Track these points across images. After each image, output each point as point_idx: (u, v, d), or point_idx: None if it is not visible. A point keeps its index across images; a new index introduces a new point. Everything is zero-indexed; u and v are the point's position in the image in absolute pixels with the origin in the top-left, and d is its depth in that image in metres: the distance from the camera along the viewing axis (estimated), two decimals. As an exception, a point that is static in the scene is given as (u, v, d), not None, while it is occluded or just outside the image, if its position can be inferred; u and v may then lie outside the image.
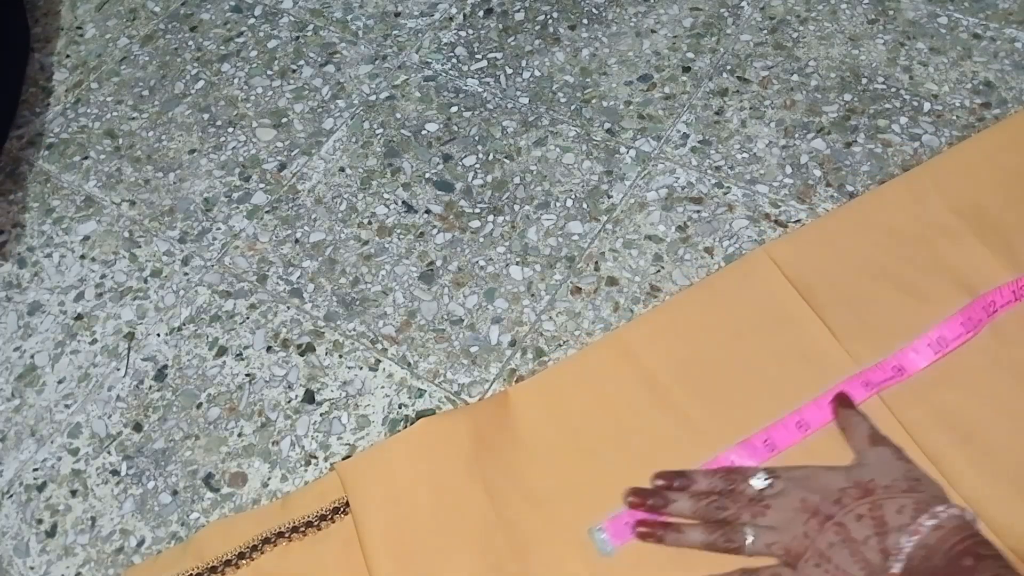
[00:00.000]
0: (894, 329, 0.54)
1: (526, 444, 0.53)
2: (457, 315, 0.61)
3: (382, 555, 0.49)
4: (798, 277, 0.57)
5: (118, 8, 0.86)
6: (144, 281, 0.66)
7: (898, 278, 0.57)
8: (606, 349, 0.57)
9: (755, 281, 0.58)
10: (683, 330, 0.57)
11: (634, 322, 0.58)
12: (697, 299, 0.58)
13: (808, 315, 0.56)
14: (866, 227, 0.59)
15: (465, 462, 0.52)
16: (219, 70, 0.79)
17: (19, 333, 0.64)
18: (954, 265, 0.56)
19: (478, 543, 0.49)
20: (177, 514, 0.54)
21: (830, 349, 0.54)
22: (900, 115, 0.67)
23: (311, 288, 0.64)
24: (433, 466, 0.52)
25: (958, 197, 0.59)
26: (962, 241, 0.57)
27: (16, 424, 0.60)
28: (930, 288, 0.56)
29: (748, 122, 0.68)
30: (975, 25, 0.72)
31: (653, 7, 0.77)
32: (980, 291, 0.55)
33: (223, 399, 0.59)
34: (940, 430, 0.50)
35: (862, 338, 0.54)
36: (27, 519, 0.56)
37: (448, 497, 0.51)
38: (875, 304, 0.56)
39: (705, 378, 0.54)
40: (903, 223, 0.59)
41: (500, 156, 0.69)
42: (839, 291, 0.56)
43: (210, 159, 0.72)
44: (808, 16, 0.74)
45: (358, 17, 0.81)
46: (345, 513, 0.51)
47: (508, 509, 0.50)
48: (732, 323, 0.56)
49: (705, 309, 0.57)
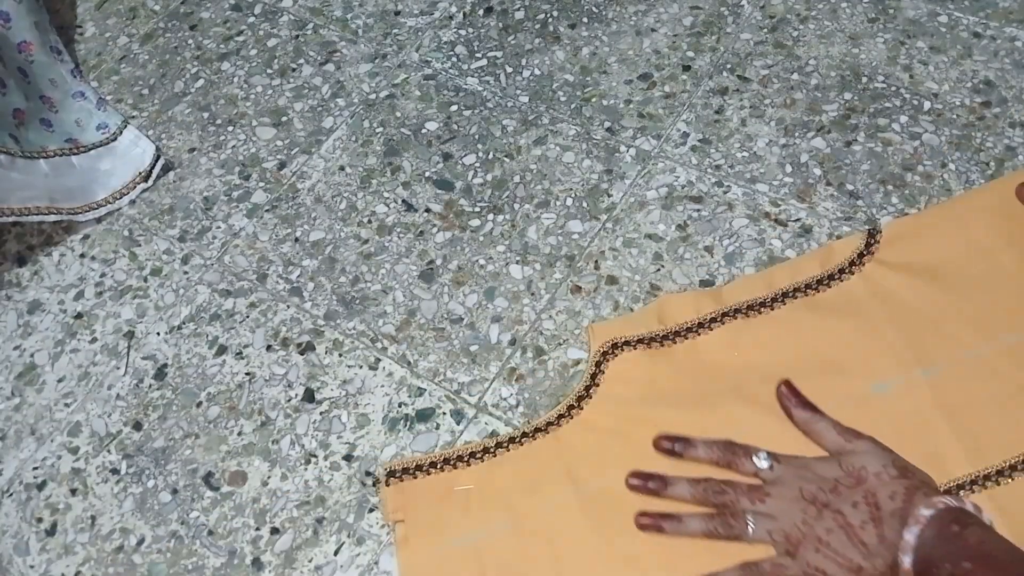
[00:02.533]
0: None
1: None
2: (457, 314, 0.61)
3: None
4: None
5: (118, 7, 0.86)
6: (144, 280, 0.66)
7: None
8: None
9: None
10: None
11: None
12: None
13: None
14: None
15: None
16: (219, 69, 0.79)
17: (19, 332, 0.64)
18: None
19: None
20: (177, 513, 0.54)
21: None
22: (900, 114, 0.67)
23: (311, 287, 0.64)
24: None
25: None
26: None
27: (16, 423, 0.60)
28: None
29: (748, 121, 0.68)
30: (975, 24, 0.72)
31: (653, 6, 0.77)
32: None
33: (223, 398, 0.59)
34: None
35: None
36: (27, 518, 0.56)
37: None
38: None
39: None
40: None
41: (500, 155, 0.69)
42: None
43: (210, 158, 0.72)
44: (808, 15, 0.74)
45: (358, 16, 0.81)
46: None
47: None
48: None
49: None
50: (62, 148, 0.69)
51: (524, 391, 0.57)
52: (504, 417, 0.56)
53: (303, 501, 0.54)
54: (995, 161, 0.63)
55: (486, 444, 0.54)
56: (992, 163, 0.63)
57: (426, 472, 0.53)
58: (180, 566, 0.52)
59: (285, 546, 0.52)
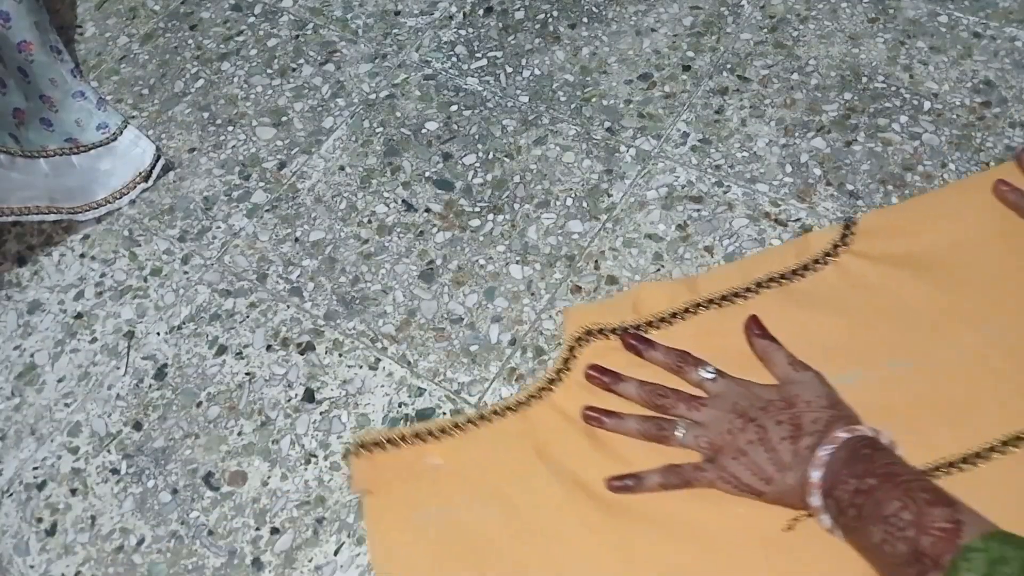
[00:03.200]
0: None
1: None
2: (457, 314, 0.61)
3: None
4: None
5: (118, 7, 0.86)
6: (144, 280, 0.66)
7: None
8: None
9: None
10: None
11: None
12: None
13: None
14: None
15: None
16: (219, 68, 0.79)
17: (19, 332, 0.64)
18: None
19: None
20: (177, 513, 0.54)
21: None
22: (900, 114, 0.67)
23: (311, 287, 0.64)
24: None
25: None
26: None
27: (16, 423, 0.60)
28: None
29: (748, 121, 0.68)
30: (975, 24, 0.72)
31: (653, 6, 0.77)
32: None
33: (223, 398, 0.59)
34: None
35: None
36: (27, 518, 0.56)
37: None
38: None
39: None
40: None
41: (500, 155, 0.69)
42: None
43: (210, 158, 0.72)
44: (808, 15, 0.74)
45: (358, 16, 0.81)
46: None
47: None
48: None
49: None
50: (62, 148, 0.69)
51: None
52: (504, 417, 0.56)
53: (303, 501, 0.54)
54: (995, 161, 0.63)
55: (457, 420, 0.55)
56: (992, 163, 0.63)
57: (396, 445, 0.54)
58: (180, 566, 0.52)
59: (285, 546, 0.52)
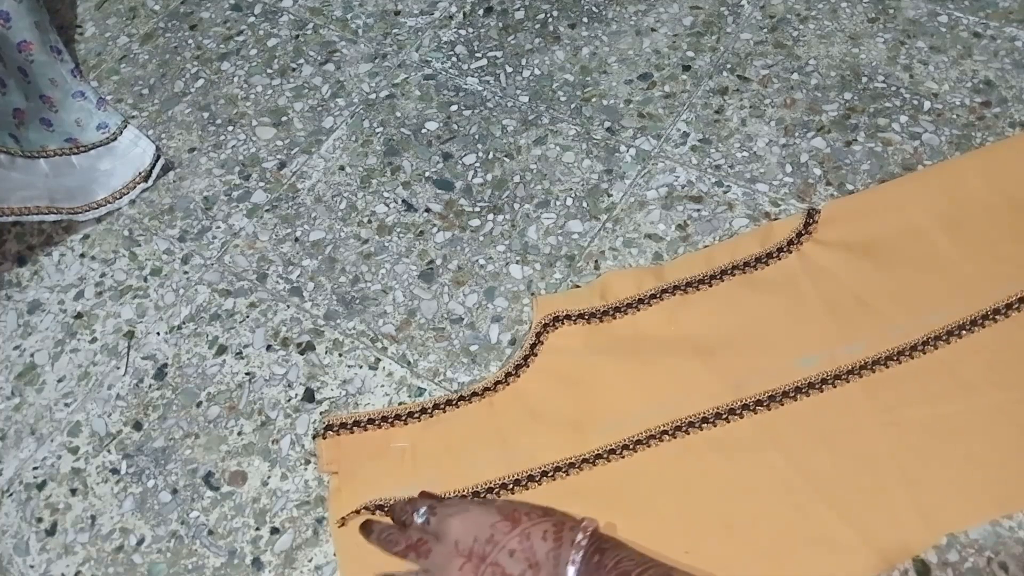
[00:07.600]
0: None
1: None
2: (457, 314, 0.61)
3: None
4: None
5: (118, 7, 0.86)
6: (144, 280, 0.66)
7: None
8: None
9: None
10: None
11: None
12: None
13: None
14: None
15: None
16: (219, 68, 0.79)
17: (19, 332, 0.64)
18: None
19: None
20: (177, 512, 0.54)
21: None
22: (900, 114, 0.67)
23: (311, 287, 0.64)
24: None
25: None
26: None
27: (16, 423, 0.60)
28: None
29: (748, 121, 0.68)
30: (975, 24, 0.72)
31: (653, 6, 0.77)
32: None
33: (223, 398, 0.59)
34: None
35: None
36: (27, 517, 0.56)
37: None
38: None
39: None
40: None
41: (500, 155, 0.69)
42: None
43: (210, 157, 0.72)
44: (808, 15, 0.74)
45: (358, 15, 0.81)
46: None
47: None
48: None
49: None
50: (62, 148, 0.69)
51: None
52: (504, 417, 0.56)
53: (303, 501, 0.54)
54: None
55: (423, 405, 0.56)
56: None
57: (363, 428, 0.55)
58: (180, 566, 0.52)
59: (285, 546, 0.52)
